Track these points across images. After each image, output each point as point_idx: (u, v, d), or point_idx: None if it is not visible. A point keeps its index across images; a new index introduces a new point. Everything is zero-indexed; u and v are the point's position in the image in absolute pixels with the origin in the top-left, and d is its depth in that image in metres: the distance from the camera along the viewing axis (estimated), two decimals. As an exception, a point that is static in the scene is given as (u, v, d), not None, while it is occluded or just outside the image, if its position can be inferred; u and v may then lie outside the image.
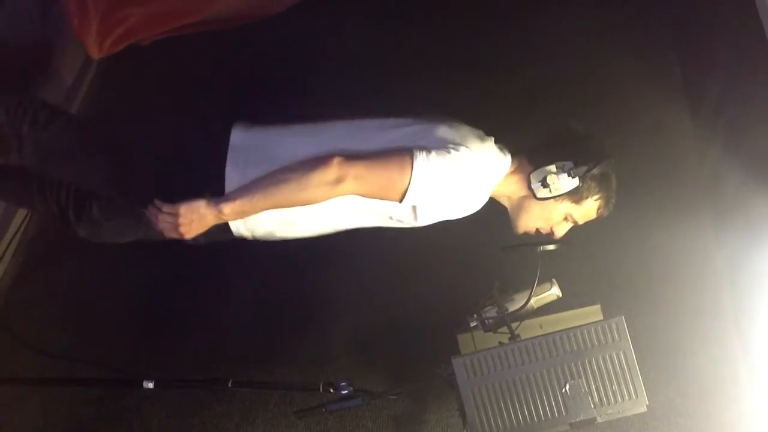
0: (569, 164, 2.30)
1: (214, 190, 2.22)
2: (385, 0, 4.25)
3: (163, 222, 2.21)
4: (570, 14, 4.06)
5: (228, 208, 2.17)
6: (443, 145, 2.20)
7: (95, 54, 3.43)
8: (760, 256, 3.03)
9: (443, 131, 2.26)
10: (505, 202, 2.49)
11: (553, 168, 2.31)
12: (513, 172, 2.40)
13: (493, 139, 2.38)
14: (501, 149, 2.38)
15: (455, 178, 2.19)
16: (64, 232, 2.58)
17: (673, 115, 3.66)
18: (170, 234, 2.24)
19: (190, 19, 3.53)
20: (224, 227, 2.34)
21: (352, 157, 2.16)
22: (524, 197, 2.41)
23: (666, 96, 3.69)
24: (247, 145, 2.28)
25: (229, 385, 2.59)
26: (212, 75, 4.08)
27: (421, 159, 2.14)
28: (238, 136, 2.29)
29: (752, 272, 3.10)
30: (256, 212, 2.21)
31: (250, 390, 3.10)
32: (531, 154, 2.39)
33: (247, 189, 2.18)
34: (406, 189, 2.16)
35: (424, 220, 2.35)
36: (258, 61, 4.16)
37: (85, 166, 2.37)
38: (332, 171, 2.11)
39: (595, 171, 2.30)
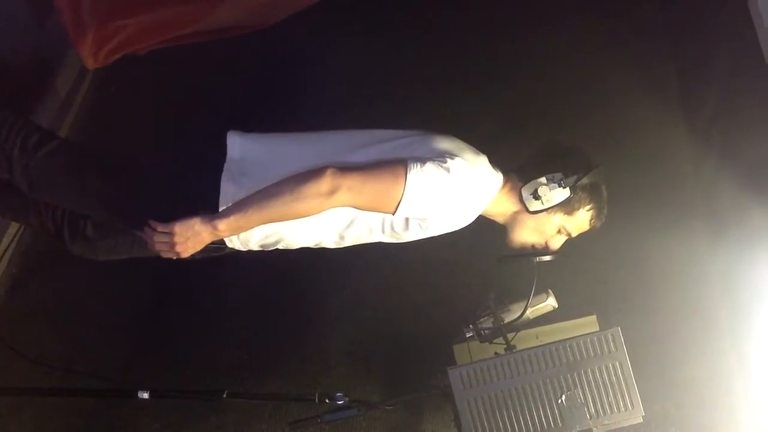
0: (559, 175, 2.30)
1: (210, 203, 2.21)
2: (381, 12, 4.26)
3: (158, 243, 2.19)
4: (567, 26, 4.08)
5: (223, 224, 2.15)
6: (438, 156, 2.19)
7: (91, 65, 3.44)
8: (755, 267, 3.04)
9: (438, 142, 2.26)
10: (500, 220, 2.48)
11: (543, 180, 2.31)
12: (505, 190, 2.39)
13: (486, 157, 2.38)
14: (493, 167, 2.38)
15: (449, 189, 2.18)
16: (58, 246, 2.58)
17: (670, 127, 3.68)
18: (166, 255, 2.23)
19: (185, 30, 3.53)
20: (218, 242, 2.33)
21: (346, 168, 2.15)
22: (517, 212, 2.41)
23: (663, 107, 3.71)
24: (241, 156, 2.27)
25: (224, 396, 2.57)
26: (207, 85, 4.09)
27: (416, 170, 2.13)
28: (232, 147, 2.28)
29: (747, 283, 3.11)
30: (251, 227, 2.20)
31: (246, 401, 3.09)
32: (521, 171, 2.39)
33: (241, 204, 2.16)
34: (400, 200, 2.14)
35: (416, 233, 2.34)
36: (253, 71, 4.17)
37: (75, 192, 2.35)
38: (326, 182, 2.10)
39: (585, 180, 2.30)
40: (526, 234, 2.43)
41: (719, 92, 3.54)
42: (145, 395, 2.54)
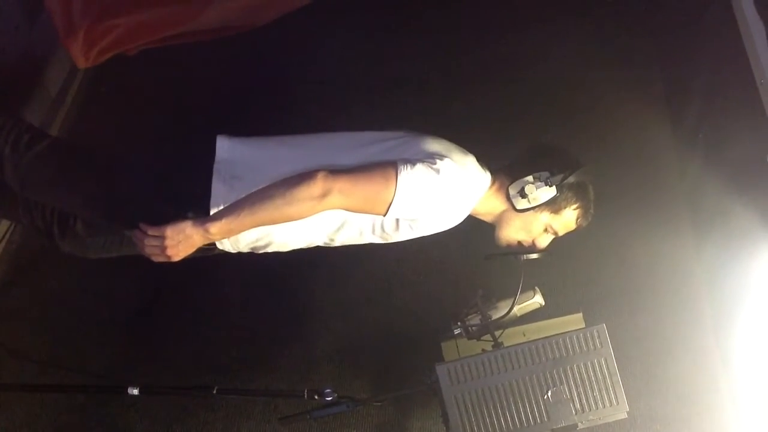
0: (545, 174, 2.32)
1: (200, 205, 2.21)
2: (369, 15, 4.27)
3: (149, 247, 2.20)
4: (553, 28, 4.11)
5: (214, 228, 2.16)
6: (427, 157, 2.21)
7: (81, 64, 3.44)
8: (739, 267, 3.07)
9: (426, 144, 2.28)
10: (487, 219, 2.50)
11: (530, 179, 2.33)
12: (493, 189, 2.41)
13: (473, 156, 2.40)
14: (481, 166, 2.41)
15: (439, 189, 2.20)
16: (48, 245, 2.58)
17: (655, 127, 3.71)
18: (157, 258, 2.23)
19: (176, 29, 3.54)
20: (208, 244, 2.35)
21: (337, 171, 2.17)
22: (505, 211, 2.43)
23: (648, 109, 3.74)
24: (232, 158, 2.27)
25: (214, 392, 2.58)
26: (197, 85, 4.10)
27: (406, 172, 2.15)
28: (222, 149, 2.28)
29: (731, 282, 3.14)
30: (243, 230, 2.21)
31: (235, 397, 3.10)
32: (509, 170, 2.41)
33: (232, 208, 2.16)
34: (391, 202, 2.16)
35: (406, 233, 2.36)
36: (243, 71, 4.18)
37: (65, 191, 2.36)
38: (317, 185, 2.11)
39: (571, 179, 2.33)
40: (513, 232, 2.45)
41: (704, 92, 3.56)
42: (135, 391, 2.55)
